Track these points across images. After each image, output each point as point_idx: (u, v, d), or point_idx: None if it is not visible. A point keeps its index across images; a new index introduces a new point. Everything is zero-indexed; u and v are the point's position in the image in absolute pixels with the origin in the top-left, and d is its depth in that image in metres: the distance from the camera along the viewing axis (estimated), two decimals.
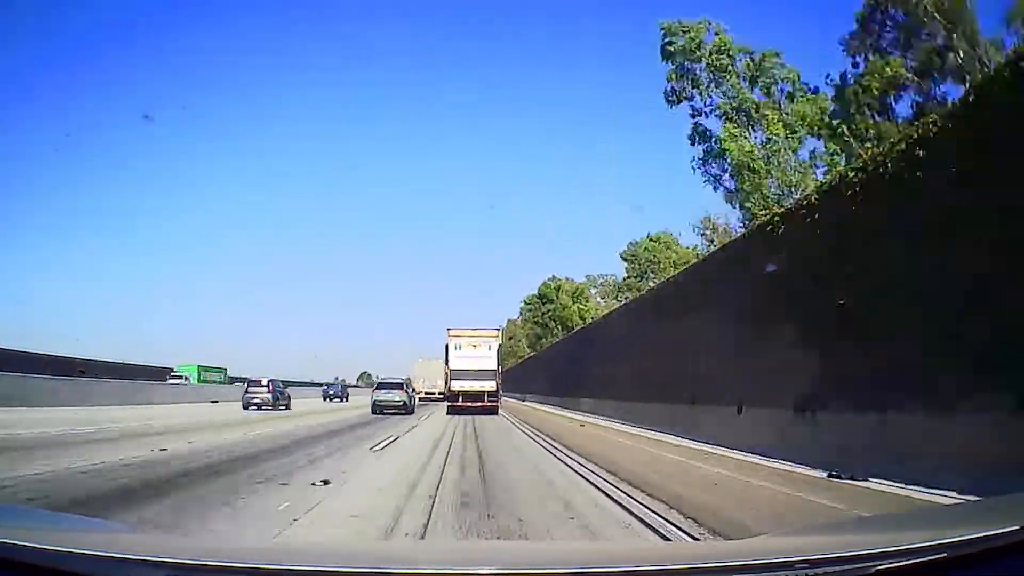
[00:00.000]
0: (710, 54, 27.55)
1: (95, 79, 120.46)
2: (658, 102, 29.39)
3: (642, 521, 6.12)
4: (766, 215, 11.38)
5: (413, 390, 33.72)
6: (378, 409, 27.98)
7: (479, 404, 27.36)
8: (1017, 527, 1.48)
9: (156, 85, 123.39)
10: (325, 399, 48.53)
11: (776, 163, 25.84)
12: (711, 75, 27.84)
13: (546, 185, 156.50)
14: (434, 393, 40.56)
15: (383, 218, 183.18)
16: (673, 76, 28.57)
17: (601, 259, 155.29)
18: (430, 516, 6.35)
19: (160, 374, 46.49)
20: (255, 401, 29.98)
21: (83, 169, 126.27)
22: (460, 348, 28.53)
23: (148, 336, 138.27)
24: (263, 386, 30.89)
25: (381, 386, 30.01)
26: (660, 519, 6.07)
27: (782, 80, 27.63)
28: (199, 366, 55.39)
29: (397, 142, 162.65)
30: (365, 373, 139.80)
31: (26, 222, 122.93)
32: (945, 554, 1.48)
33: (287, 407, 31.60)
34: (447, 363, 28.72)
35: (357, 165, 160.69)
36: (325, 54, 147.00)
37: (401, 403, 28.54)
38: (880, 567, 1.47)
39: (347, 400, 48.80)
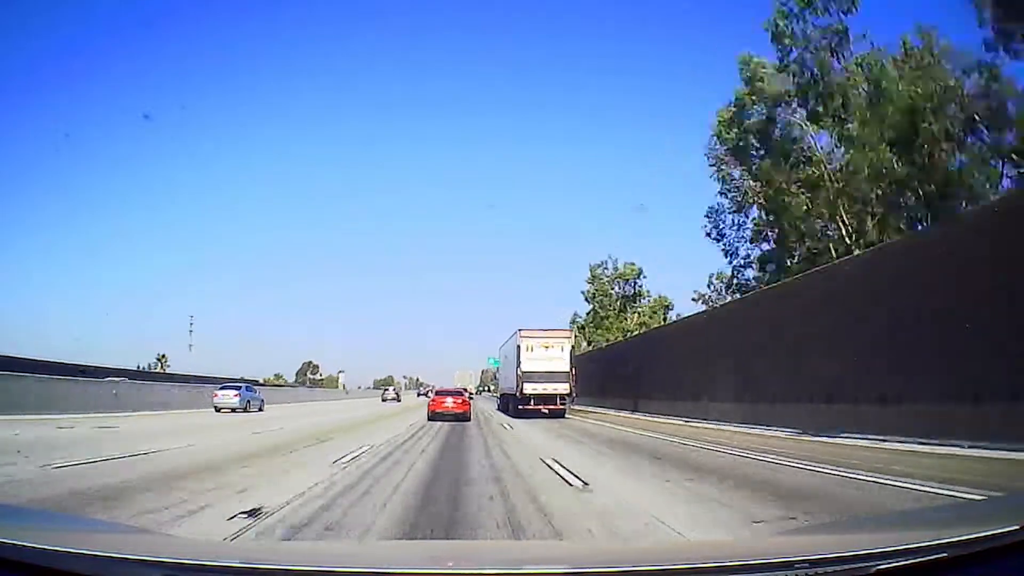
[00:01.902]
0: None
1: (95, 79, 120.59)
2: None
3: None
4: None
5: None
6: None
7: (549, 407, 26.82)
8: (1017, 527, 1.48)
9: (157, 85, 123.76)
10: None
11: None
12: None
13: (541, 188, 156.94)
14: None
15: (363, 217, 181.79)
16: None
17: None
18: None
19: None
20: (387, 397, 61.74)
21: (82, 169, 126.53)
22: (532, 350, 27.18)
23: (143, 336, 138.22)
24: (390, 389, 64.20)
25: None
26: None
27: None
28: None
29: (394, 142, 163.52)
30: (309, 363, 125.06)
31: (25, 223, 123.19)
32: (945, 554, 1.48)
33: (399, 400, 61.19)
34: (518, 365, 27.13)
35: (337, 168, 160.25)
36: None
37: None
38: (880, 567, 1.46)
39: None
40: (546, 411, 26.85)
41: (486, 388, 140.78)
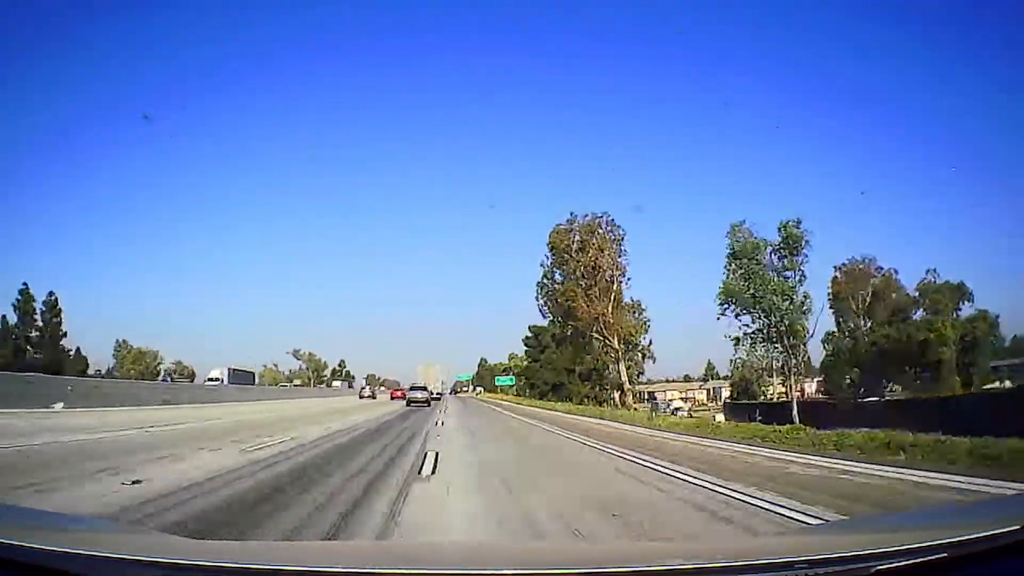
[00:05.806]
0: None
1: (95, 79, 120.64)
2: None
3: None
4: None
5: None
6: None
7: None
8: (1017, 527, 1.48)
9: (156, 85, 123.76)
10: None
11: None
12: None
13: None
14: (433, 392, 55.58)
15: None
16: None
17: None
18: None
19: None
20: (365, 395, 63.63)
21: (81, 169, 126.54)
22: None
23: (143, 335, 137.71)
24: (364, 385, 72.19)
25: (414, 388, 50.65)
26: None
27: None
28: None
29: (390, 141, 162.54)
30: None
31: (23, 224, 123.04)
32: (945, 554, 1.48)
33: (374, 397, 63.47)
34: None
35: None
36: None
37: (425, 399, 42.72)
38: (880, 567, 1.46)
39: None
40: None
41: (476, 387, 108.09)
